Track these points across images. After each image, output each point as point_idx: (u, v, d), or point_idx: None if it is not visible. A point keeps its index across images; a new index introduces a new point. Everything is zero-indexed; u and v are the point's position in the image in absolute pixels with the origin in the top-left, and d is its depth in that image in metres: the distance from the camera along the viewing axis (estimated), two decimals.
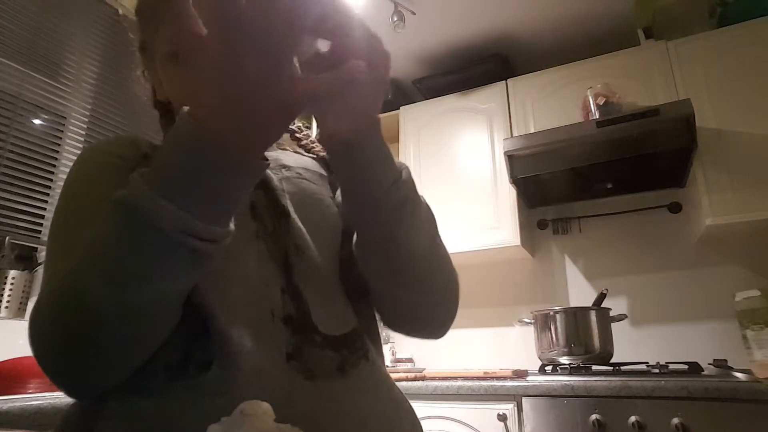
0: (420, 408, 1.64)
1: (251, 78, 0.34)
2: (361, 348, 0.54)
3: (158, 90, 0.64)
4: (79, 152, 0.61)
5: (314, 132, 1.95)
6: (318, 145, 0.71)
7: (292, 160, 0.65)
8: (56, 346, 0.42)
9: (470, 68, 2.39)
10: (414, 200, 0.50)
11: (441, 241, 0.56)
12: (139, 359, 0.45)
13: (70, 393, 0.47)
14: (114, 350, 0.43)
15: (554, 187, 2.18)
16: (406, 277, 0.53)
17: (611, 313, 1.87)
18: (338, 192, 0.55)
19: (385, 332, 2.49)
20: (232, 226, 0.42)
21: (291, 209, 0.57)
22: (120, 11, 1.95)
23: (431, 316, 0.59)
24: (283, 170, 0.62)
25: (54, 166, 1.65)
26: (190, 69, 0.36)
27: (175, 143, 0.37)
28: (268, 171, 0.59)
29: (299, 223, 0.56)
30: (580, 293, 2.23)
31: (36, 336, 0.43)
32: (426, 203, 0.54)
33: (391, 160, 0.48)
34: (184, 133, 0.37)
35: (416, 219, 0.51)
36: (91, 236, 0.41)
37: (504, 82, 2.30)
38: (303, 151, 0.71)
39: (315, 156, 0.69)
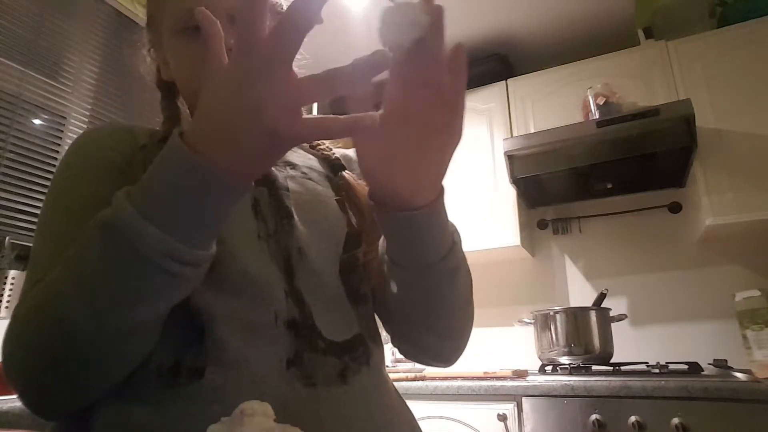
0: (420, 408, 1.64)
1: (251, 105, 0.34)
2: (363, 354, 0.53)
3: (163, 69, 0.63)
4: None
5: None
6: (324, 144, 0.69)
7: (298, 158, 0.63)
8: (28, 362, 0.41)
9: (470, 68, 2.36)
10: (464, 262, 0.52)
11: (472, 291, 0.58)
12: (112, 381, 0.44)
13: (36, 409, 0.44)
14: (86, 372, 0.42)
15: (554, 187, 2.18)
16: (442, 329, 0.55)
17: (611, 313, 1.87)
18: (380, 242, 0.54)
19: (385, 333, 2.47)
20: (214, 248, 0.41)
21: (294, 210, 0.55)
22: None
23: (452, 356, 0.61)
24: (288, 168, 0.60)
25: (54, 166, 1.64)
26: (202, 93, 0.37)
27: (163, 163, 0.37)
28: (274, 168, 0.58)
29: (301, 226, 0.55)
30: (580, 293, 2.23)
31: (8, 345, 0.42)
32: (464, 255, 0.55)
33: (447, 222, 0.49)
34: (174, 154, 0.36)
35: (463, 280, 0.53)
36: (72, 253, 0.40)
37: (504, 82, 2.30)
38: (309, 150, 0.69)
39: (320, 155, 0.67)
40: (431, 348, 0.59)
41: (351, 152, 0.71)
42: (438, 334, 0.56)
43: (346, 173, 0.63)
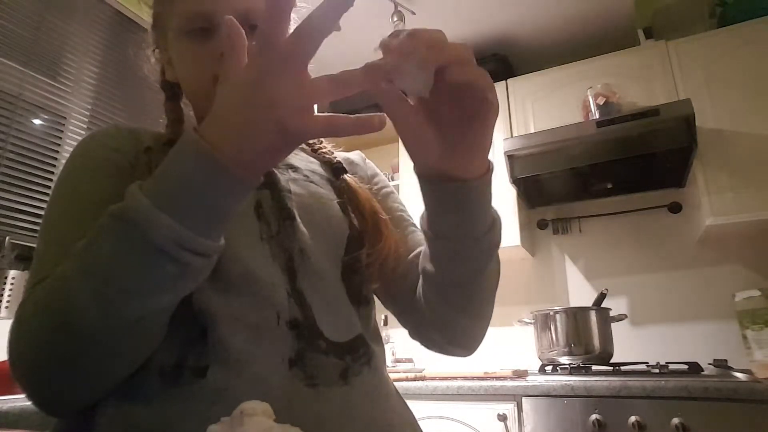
0: (420, 408, 1.64)
1: (264, 102, 0.36)
2: (364, 355, 0.53)
3: (167, 70, 0.63)
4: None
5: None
6: (326, 147, 0.69)
7: (300, 162, 0.64)
8: (34, 358, 0.41)
9: None
10: (500, 243, 0.53)
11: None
12: (116, 378, 0.44)
13: (42, 406, 0.44)
14: (92, 367, 0.42)
15: (554, 187, 2.18)
16: (476, 309, 0.56)
17: (611, 313, 1.87)
18: (418, 221, 0.54)
19: (384, 333, 2.48)
20: (222, 240, 0.41)
21: (296, 212, 0.56)
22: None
23: (478, 340, 0.61)
24: (290, 171, 0.61)
25: (54, 166, 1.65)
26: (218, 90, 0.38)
27: (177, 156, 0.38)
28: (276, 170, 0.59)
29: (303, 228, 0.55)
30: (580, 293, 2.23)
31: (16, 343, 0.42)
32: None
33: (491, 199, 0.50)
34: (188, 147, 0.37)
35: (497, 260, 0.54)
36: (82, 246, 0.40)
37: (504, 82, 2.30)
38: (311, 153, 0.69)
39: (322, 159, 0.68)
40: (463, 331, 0.59)
41: (353, 155, 0.71)
42: (471, 315, 0.57)
43: (347, 176, 0.64)
